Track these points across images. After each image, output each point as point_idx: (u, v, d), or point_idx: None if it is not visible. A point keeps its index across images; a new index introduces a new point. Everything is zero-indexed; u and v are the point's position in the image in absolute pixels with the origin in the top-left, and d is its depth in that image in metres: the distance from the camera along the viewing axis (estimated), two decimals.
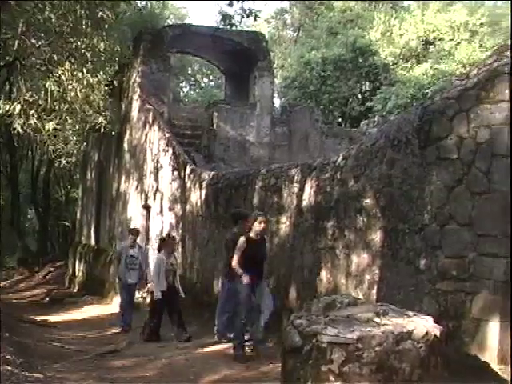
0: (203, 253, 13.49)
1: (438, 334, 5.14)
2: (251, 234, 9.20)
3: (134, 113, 19.01)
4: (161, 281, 11.29)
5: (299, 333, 5.18)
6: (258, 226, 9.14)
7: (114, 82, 19.42)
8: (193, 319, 12.08)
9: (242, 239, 9.19)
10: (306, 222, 10.02)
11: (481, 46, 25.43)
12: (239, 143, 19.17)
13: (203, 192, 13.85)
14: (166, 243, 11.97)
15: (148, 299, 13.39)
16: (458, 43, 26.01)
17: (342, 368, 4.78)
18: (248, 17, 15.41)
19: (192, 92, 42.64)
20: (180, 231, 14.85)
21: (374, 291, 8.39)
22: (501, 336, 6.57)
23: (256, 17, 15.67)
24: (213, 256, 12.86)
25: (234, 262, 9.12)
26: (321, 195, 9.67)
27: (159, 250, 12.04)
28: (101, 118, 16.07)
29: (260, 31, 23.41)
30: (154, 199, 16.85)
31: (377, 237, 8.42)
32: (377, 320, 5.25)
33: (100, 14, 13.06)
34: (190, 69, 40.28)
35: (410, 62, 26.87)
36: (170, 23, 29.19)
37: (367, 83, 28.35)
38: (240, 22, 16.18)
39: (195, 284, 13.64)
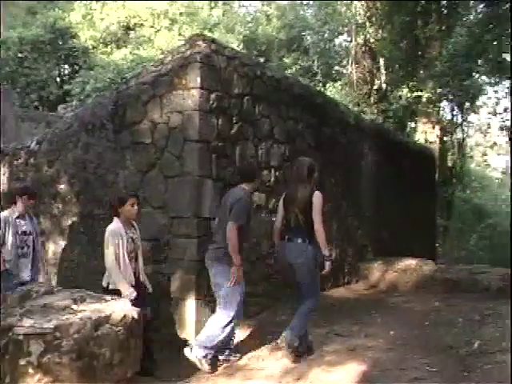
0: None
1: (135, 317, 5.23)
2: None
3: None
4: (126, 269, 6.36)
5: None
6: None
7: None
8: None
9: (319, 194, 6.20)
10: None
11: (180, 34, 26.26)
12: None
13: None
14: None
15: None
16: (158, 30, 26.61)
17: (42, 359, 4.65)
18: None
19: None
20: None
21: (73, 278, 8.29)
22: (197, 312, 6.93)
23: None
24: None
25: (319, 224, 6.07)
26: (14, 181, 9.29)
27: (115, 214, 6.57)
28: None
29: None
30: None
31: (73, 223, 8.34)
32: (74, 307, 5.19)
33: None
34: None
35: (110, 46, 26.80)
36: None
37: (66, 66, 27.75)
38: None
39: None
